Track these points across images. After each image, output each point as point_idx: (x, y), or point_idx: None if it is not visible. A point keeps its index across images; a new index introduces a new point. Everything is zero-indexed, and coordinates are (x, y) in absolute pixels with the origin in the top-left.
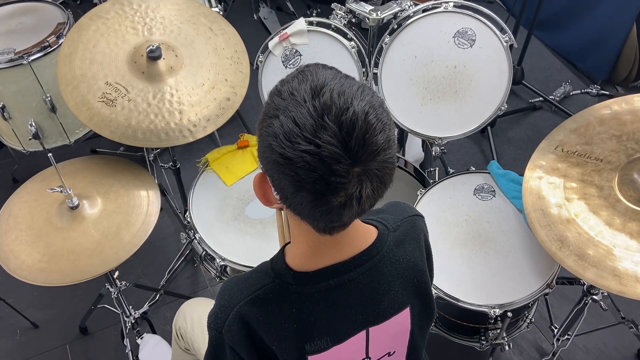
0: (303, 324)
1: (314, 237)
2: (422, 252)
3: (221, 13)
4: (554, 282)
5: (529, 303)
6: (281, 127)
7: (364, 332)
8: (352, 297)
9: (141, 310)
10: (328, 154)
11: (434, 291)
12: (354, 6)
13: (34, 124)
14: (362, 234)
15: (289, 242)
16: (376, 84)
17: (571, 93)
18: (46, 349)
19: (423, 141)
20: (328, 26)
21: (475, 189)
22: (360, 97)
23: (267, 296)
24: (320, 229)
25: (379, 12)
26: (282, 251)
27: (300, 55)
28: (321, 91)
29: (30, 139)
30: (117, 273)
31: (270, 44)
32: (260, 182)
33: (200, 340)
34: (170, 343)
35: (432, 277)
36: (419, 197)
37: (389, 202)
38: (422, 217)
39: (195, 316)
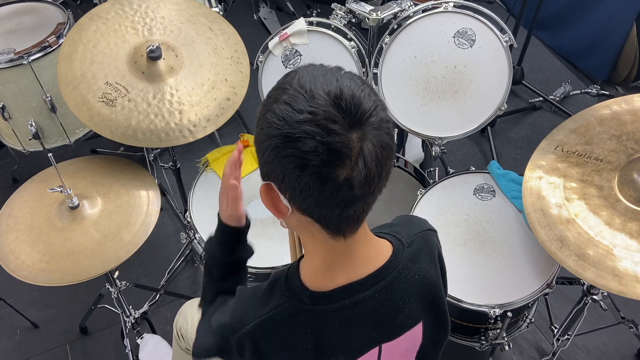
0: (317, 344)
1: (327, 246)
2: (436, 267)
3: (221, 13)
4: (554, 282)
5: (528, 303)
6: (274, 114)
7: (376, 349)
8: (367, 315)
9: (141, 310)
10: (323, 116)
11: None
12: (354, 6)
13: (34, 124)
14: (376, 249)
15: (302, 256)
16: (376, 84)
17: (571, 93)
18: (46, 349)
19: (423, 141)
20: (328, 26)
21: (475, 189)
22: (341, 75)
23: (281, 316)
24: (331, 225)
25: (379, 12)
26: (296, 268)
27: (300, 55)
28: (304, 76)
29: (30, 139)
30: (117, 273)
31: (270, 44)
32: (267, 191)
33: None
34: (170, 343)
35: (446, 292)
36: (419, 197)
37: (400, 215)
38: (435, 231)
39: (196, 316)
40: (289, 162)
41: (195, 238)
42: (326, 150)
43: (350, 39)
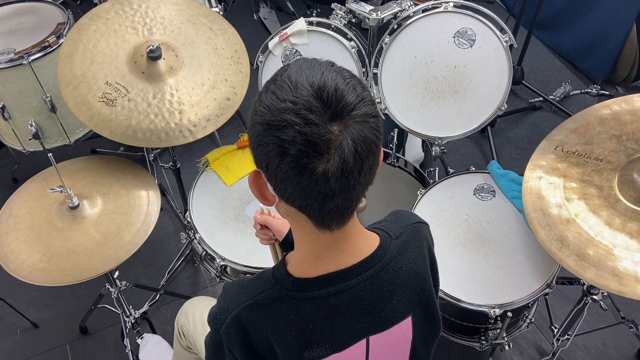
0: (302, 331)
1: (315, 237)
2: (425, 260)
3: (221, 13)
4: (554, 282)
5: (529, 303)
6: (261, 102)
7: (364, 341)
8: (352, 305)
9: (141, 310)
10: (302, 105)
11: None
12: (354, 6)
13: (34, 124)
14: (364, 240)
15: (291, 250)
16: (376, 84)
17: (571, 93)
18: (46, 349)
19: (423, 141)
20: (328, 26)
21: (475, 189)
22: (329, 68)
23: (265, 302)
24: (315, 216)
25: (379, 12)
26: (284, 259)
27: (300, 55)
28: (294, 67)
29: (30, 139)
30: (117, 273)
31: (270, 44)
32: (255, 178)
33: (202, 338)
34: (170, 343)
35: (437, 286)
36: (419, 197)
37: (391, 211)
38: (426, 224)
39: (197, 314)
40: (270, 149)
41: (195, 238)
42: (303, 141)
43: (350, 39)
